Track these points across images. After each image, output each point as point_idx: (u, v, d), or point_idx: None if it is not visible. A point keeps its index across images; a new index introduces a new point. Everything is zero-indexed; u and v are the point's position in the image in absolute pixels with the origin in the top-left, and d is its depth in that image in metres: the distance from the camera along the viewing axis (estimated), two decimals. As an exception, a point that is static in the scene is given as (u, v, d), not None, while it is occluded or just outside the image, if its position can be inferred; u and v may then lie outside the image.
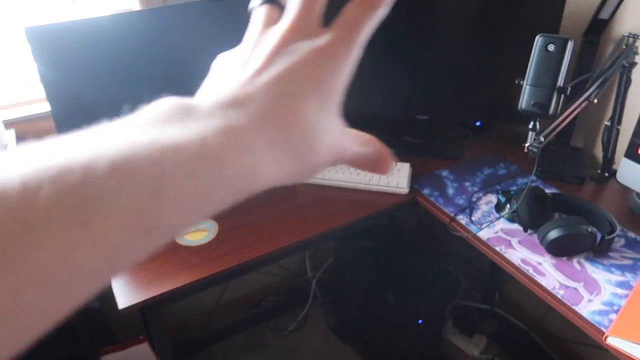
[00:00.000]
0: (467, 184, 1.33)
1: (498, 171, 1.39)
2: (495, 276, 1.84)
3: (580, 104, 1.02)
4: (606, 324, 0.93)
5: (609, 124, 1.23)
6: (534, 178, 1.34)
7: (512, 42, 1.31)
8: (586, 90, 1.03)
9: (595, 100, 1.03)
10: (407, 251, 1.79)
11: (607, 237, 1.07)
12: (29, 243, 0.16)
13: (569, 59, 0.89)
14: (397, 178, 1.31)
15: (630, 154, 1.16)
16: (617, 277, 1.04)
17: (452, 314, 1.87)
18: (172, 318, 1.79)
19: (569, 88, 0.91)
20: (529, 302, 1.76)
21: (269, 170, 0.23)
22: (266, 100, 0.24)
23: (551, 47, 0.88)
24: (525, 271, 1.06)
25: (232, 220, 1.19)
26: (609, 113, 1.25)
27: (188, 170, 0.19)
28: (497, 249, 1.12)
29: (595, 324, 0.94)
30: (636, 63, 1.09)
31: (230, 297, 1.91)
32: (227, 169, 0.21)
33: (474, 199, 1.27)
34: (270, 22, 0.27)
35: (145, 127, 0.21)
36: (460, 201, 1.27)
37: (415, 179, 1.34)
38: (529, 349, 1.78)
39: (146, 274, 1.04)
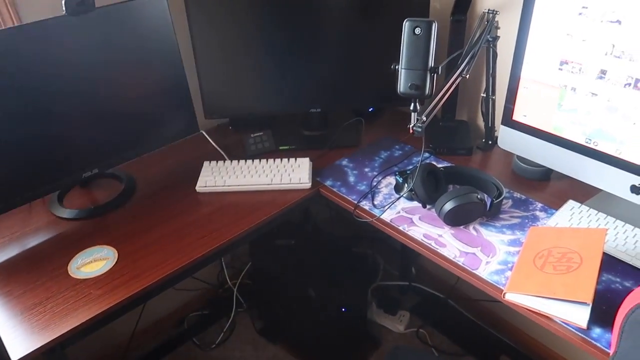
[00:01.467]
0: (366, 169, 1.37)
1: (394, 153, 1.43)
2: (408, 252, 1.92)
3: (455, 80, 1.08)
4: (503, 282, 1.00)
5: (484, 95, 1.31)
6: (427, 155, 1.41)
7: (387, 27, 1.35)
8: (458, 67, 1.09)
9: (467, 76, 1.09)
10: (322, 243, 1.81)
11: (495, 201, 1.14)
12: None
13: (435, 39, 0.94)
14: (298, 173, 1.31)
15: (506, 121, 1.25)
16: (508, 236, 1.11)
17: (374, 295, 1.92)
18: (88, 355, 1.67)
19: (440, 67, 0.95)
20: (442, 272, 1.85)
21: None
22: None
23: (418, 31, 0.92)
24: (428, 245, 1.11)
25: (131, 244, 1.13)
26: (484, 85, 1.34)
27: None
28: (401, 228, 1.16)
29: (494, 283, 1.00)
30: (499, 37, 1.17)
31: (150, 320, 1.82)
32: None
33: (374, 183, 1.31)
34: None
35: None
36: (362, 187, 1.30)
37: (317, 172, 1.35)
38: (448, 314, 1.88)
39: (41, 317, 0.95)
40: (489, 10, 1.15)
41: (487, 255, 1.07)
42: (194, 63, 1.38)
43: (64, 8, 1.08)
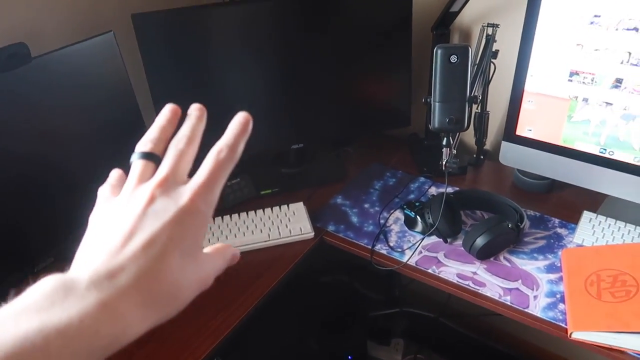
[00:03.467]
0: (366, 205, 1.24)
1: (388, 182, 1.32)
2: (393, 275, 1.82)
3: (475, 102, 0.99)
4: (561, 317, 0.93)
5: (479, 111, 1.24)
6: (424, 180, 1.31)
7: (366, 47, 1.23)
8: (470, 88, 1.00)
9: (480, 95, 1.01)
10: (301, 283, 1.65)
11: (521, 226, 1.07)
12: None
13: (470, 66, 0.83)
14: (297, 222, 1.15)
15: (508, 137, 1.19)
16: (542, 262, 1.05)
17: (366, 329, 1.80)
18: None
19: (479, 96, 0.85)
20: (431, 290, 1.78)
21: (138, 326, 0.28)
22: (135, 268, 0.28)
23: (454, 59, 0.81)
24: (466, 286, 1.01)
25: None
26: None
27: (71, 348, 0.24)
28: (430, 270, 1.05)
29: (552, 321, 0.92)
30: (498, 50, 1.10)
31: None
32: (102, 339, 0.26)
33: (381, 221, 1.18)
34: (145, 176, 0.33)
35: (32, 313, 0.25)
36: (370, 228, 1.17)
37: (313, 215, 1.20)
38: (443, 334, 1.81)
39: None
40: (488, 23, 1.08)
41: (532, 289, 0.99)
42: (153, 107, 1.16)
43: (-8, 65, 0.83)
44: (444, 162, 0.92)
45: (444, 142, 0.91)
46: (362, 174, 1.35)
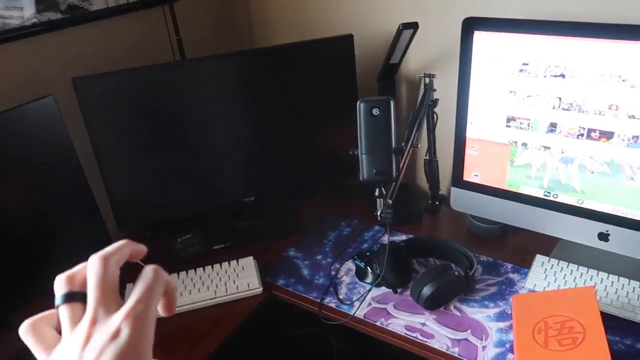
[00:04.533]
0: (318, 257, 1.22)
1: (342, 232, 1.31)
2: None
3: (408, 152, 0.99)
4: (509, 368, 0.90)
5: (427, 158, 1.25)
6: (378, 229, 1.30)
7: (316, 99, 1.25)
8: (409, 139, 1.01)
9: (419, 145, 1.01)
10: (277, 344, 1.60)
11: (470, 273, 1.05)
12: None
13: (394, 117, 0.84)
14: (245, 278, 1.13)
15: (456, 182, 1.19)
16: (492, 310, 1.02)
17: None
18: None
19: (405, 146, 0.86)
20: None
21: None
22: None
23: (375, 112, 0.82)
24: (414, 339, 0.98)
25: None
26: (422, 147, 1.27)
27: None
28: (378, 323, 1.02)
29: (501, 373, 0.89)
30: (437, 99, 1.12)
31: None
32: None
33: (332, 273, 1.16)
34: (75, 319, 0.33)
35: None
36: (320, 281, 1.14)
37: (264, 270, 1.17)
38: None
39: None
40: (424, 74, 1.10)
41: (481, 339, 0.96)
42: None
43: None
44: (378, 213, 0.92)
45: (377, 193, 0.91)
46: (316, 226, 1.34)
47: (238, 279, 1.12)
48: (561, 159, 1.03)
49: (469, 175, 1.17)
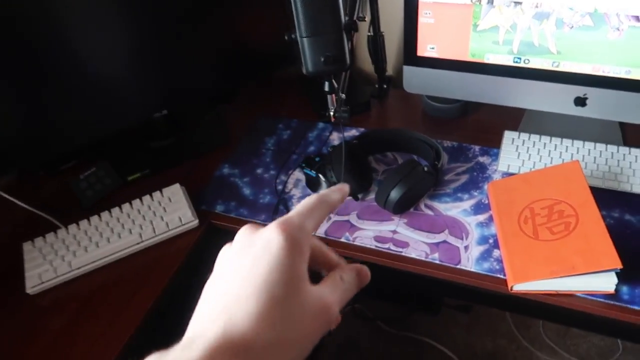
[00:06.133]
0: (259, 171, 1.02)
1: (282, 136, 1.10)
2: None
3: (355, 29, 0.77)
4: (497, 267, 0.79)
5: (370, 33, 1.03)
6: (330, 127, 1.11)
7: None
8: (352, 9, 0.78)
9: (367, 17, 0.79)
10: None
11: (439, 165, 0.91)
12: None
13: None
14: (175, 212, 0.92)
15: (409, 59, 1.00)
16: (468, 202, 0.90)
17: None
18: None
19: (357, 20, 0.63)
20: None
21: None
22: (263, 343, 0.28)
23: (315, -27, 0.58)
24: (387, 251, 0.84)
25: None
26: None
27: None
28: (343, 239, 0.87)
29: (490, 274, 0.79)
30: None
31: None
32: None
33: (278, 187, 0.98)
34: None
35: None
36: (267, 199, 0.96)
37: (195, 197, 0.97)
38: (374, 277, 1.69)
39: None
40: None
41: (461, 239, 0.84)
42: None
43: None
44: (331, 112, 0.72)
45: (327, 88, 0.70)
46: (249, 133, 1.13)
47: (166, 213, 0.91)
48: (535, 15, 0.85)
49: (424, 49, 0.97)
